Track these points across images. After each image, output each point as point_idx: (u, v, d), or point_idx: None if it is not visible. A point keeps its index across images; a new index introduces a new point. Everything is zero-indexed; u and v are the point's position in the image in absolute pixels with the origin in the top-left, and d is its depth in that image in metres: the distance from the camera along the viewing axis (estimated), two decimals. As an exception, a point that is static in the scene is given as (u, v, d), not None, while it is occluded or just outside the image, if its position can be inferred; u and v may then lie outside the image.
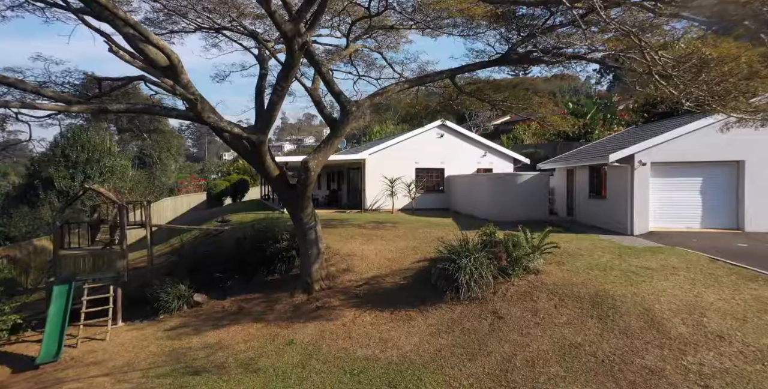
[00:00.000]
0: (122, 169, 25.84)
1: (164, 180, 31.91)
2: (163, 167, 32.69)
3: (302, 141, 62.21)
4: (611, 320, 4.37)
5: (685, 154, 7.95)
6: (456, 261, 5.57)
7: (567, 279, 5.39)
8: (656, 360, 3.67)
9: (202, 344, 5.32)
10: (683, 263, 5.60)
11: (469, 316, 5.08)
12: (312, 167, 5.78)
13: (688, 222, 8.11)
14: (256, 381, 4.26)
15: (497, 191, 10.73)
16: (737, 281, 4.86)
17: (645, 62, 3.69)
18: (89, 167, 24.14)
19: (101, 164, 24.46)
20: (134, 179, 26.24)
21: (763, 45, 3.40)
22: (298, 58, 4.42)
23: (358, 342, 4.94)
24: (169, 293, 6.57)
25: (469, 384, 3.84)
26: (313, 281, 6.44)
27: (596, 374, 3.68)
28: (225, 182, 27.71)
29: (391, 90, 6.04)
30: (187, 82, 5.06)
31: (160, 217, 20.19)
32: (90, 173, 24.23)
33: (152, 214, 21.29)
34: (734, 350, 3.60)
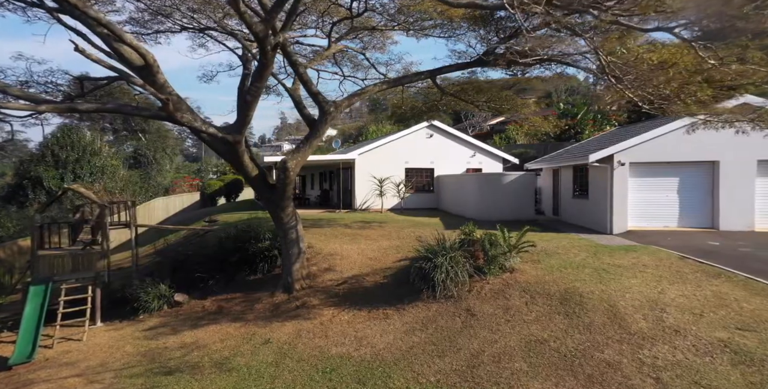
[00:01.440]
0: (113, 169, 25.69)
1: (160, 180, 31.83)
2: (159, 167, 32.58)
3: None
4: (577, 316, 4.49)
5: (663, 154, 8.13)
6: (432, 260, 5.65)
7: (540, 277, 5.50)
8: (614, 354, 3.78)
9: (178, 344, 5.34)
10: (653, 261, 5.74)
11: (444, 314, 5.17)
12: (291, 167, 5.83)
13: (665, 221, 8.29)
14: (229, 380, 4.30)
15: (484, 191, 10.86)
16: (701, 278, 5.01)
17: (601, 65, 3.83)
18: (79, 166, 23.99)
19: (91, 164, 24.31)
20: (125, 179, 26.10)
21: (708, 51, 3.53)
22: (272, 58, 4.48)
23: (333, 340, 5.01)
24: (149, 293, 6.58)
25: (436, 380, 3.92)
26: (294, 281, 6.49)
27: (557, 368, 3.78)
28: (219, 182, 27.60)
29: (369, 91, 6.12)
30: (164, 82, 5.08)
31: (151, 217, 20.06)
32: (80, 172, 24.07)
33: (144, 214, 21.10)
34: (688, 343, 3.73)
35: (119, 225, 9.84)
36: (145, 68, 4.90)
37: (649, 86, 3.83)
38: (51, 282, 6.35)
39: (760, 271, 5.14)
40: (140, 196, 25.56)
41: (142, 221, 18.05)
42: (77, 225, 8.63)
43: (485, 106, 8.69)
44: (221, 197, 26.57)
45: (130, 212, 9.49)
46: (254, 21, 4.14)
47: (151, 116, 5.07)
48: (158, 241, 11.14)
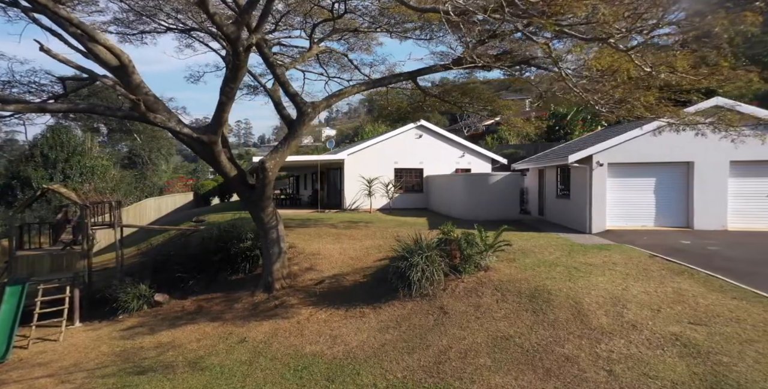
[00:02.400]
0: (103, 169, 25.57)
1: (155, 180, 31.79)
2: (155, 167, 32.49)
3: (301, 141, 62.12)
4: (543, 313, 4.61)
5: (640, 155, 8.30)
6: (409, 259, 5.74)
7: (513, 275, 5.62)
8: (574, 349, 3.90)
9: (154, 343, 5.37)
10: (623, 260, 5.89)
11: (418, 312, 5.26)
12: (269, 167, 5.89)
13: (643, 221, 8.47)
14: (201, 379, 4.34)
15: (471, 191, 10.99)
16: (665, 276, 5.16)
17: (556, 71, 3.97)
18: (68, 166, 23.85)
19: (81, 164, 24.20)
20: (116, 179, 25.97)
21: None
22: (245, 59, 4.54)
23: (308, 339, 5.08)
24: (128, 293, 6.60)
25: (403, 376, 4.01)
26: (274, 280, 6.55)
27: (519, 363, 3.89)
28: (213, 182, 27.47)
29: (348, 92, 6.20)
30: (140, 82, 5.12)
31: (142, 217, 19.94)
32: (69, 172, 23.92)
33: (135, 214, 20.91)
34: (643, 338, 3.86)
35: (104, 225, 9.83)
36: (120, 68, 4.94)
37: (600, 91, 3.98)
38: (27, 283, 6.34)
39: (722, 269, 5.31)
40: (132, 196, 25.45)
41: (134, 221, 17.94)
42: (59, 225, 8.61)
43: (468, 107, 8.82)
44: (215, 197, 26.46)
45: (115, 212, 9.49)
46: (225, 22, 4.20)
47: (123, 116, 5.10)
48: (149, 241, 11.14)
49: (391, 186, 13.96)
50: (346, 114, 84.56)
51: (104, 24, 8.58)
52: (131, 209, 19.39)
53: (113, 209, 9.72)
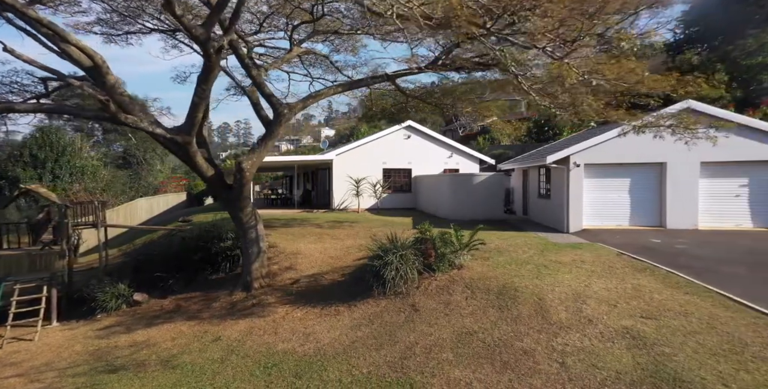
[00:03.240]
0: (93, 169, 25.45)
1: (151, 180, 31.71)
2: (149, 167, 32.38)
3: (299, 141, 62.96)
4: (508, 309, 4.75)
5: (616, 156, 8.51)
6: (383, 258, 5.87)
7: (484, 273, 5.76)
8: (532, 343, 4.04)
9: (129, 342, 5.41)
10: (592, 258, 6.06)
11: (390, 309, 5.38)
12: (246, 168, 5.97)
13: (618, 220, 8.69)
14: (171, 377, 4.40)
15: (456, 191, 11.15)
16: (627, 273, 5.33)
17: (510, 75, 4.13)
18: (58, 166, 23.74)
19: (71, 164, 24.07)
20: (107, 179, 25.84)
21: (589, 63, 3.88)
22: (216, 61, 4.62)
23: (281, 337, 5.16)
24: (107, 292, 6.63)
25: (368, 371, 4.12)
26: (253, 280, 6.62)
27: (479, 357, 4.03)
28: None
29: (325, 93, 6.30)
30: (114, 82, 5.17)
31: (133, 217, 19.83)
32: (59, 173, 23.80)
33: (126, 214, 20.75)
34: (597, 331, 4.02)
35: (87, 225, 9.81)
36: (94, 69, 4.98)
37: (552, 95, 4.15)
38: (3, 283, 6.33)
39: (684, 266, 5.51)
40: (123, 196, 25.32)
41: (124, 221, 17.82)
42: (40, 225, 8.59)
43: (450, 108, 8.96)
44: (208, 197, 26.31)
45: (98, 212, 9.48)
46: (194, 24, 4.28)
47: (93, 116, 5.15)
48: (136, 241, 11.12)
49: (379, 186, 14.08)
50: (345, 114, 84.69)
51: (88, 24, 8.57)
52: (121, 209, 19.28)
53: (96, 210, 9.71)
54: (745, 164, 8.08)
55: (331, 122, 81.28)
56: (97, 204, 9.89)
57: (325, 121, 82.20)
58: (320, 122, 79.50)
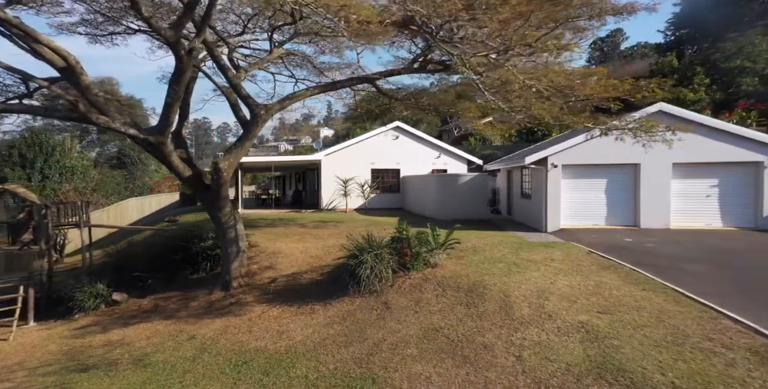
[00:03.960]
0: (83, 169, 25.37)
1: (146, 180, 31.60)
2: (144, 167, 32.23)
3: (298, 141, 63.06)
4: (475, 306, 4.89)
5: (592, 157, 8.71)
6: (359, 257, 5.98)
7: (456, 272, 5.90)
8: (493, 338, 4.18)
9: (104, 342, 5.44)
10: (562, 256, 6.23)
11: (364, 307, 5.48)
12: (223, 168, 6.03)
13: (595, 220, 8.89)
14: (141, 376, 4.45)
15: (442, 191, 11.29)
16: (593, 270, 5.51)
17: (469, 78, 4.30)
18: (47, 166, 23.69)
19: (60, 164, 24.02)
20: (97, 180, 25.77)
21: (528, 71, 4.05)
22: (188, 63, 4.69)
23: (256, 335, 5.24)
24: (85, 292, 6.65)
25: (334, 367, 4.22)
26: (232, 279, 6.69)
27: (442, 352, 4.15)
28: None
29: (302, 95, 6.39)
30: (89, 83, 5.20)
31: (123, 217, 19.73)
32: (48, 173, 23.73)
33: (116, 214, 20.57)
34: (554, 326, 4.17)
35: (70, 225, 9.78)
36: (68, 69, 5.02)
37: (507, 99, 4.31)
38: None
39: (648, 264, 5.69)
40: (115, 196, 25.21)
41: (114, 221, 17.71)
42: (20, 225, 8.55)
43: (432, 110, 9.10)
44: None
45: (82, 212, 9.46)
46: (163, 26, 4.35)
47: (63, 116, 5.18)
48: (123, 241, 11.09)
49: (367, 186, 14.19)
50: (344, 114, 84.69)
51: (72, 25, 8.55)
52: (111, 209, 19.18)
53: (78, 209, 9.69)
54: (715, 165, 8.34)
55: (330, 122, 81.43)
56: (80, 204, 9.87)
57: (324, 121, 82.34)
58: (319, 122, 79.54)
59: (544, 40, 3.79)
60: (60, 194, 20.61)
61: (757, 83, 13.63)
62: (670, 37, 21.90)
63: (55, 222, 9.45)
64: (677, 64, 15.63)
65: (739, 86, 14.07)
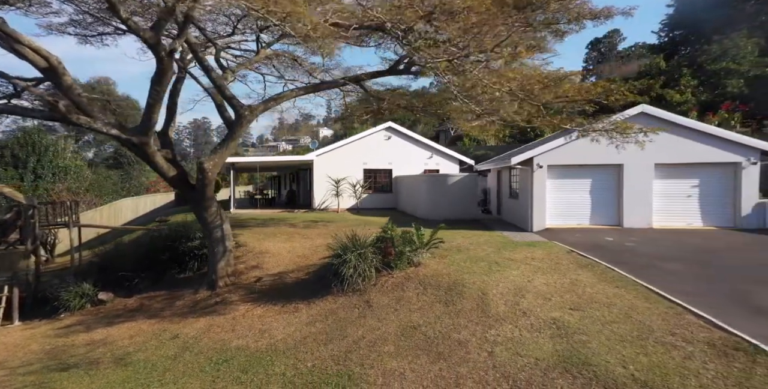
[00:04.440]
0: (77, 169, 25.38)
1: (143, 180, 31.56)
2: (141, 167, 32.15)
3: (298, 141, 63.07)
4: (453, 304, 4.98)
5: (577, 157, 8.85)
6: (342, 256, 6.05)
7: (438, 271, 5.99)
8: (468, 335, 4.27)
9: (87, 341, 5.46)
10: (543, 255, 6.35)
11: (346, 306, 5.55)
12: (208, 168, 6.08)
13: (579, 219, 9.04)
14: (121, 374, 4.48)
15: (432, 191, 11.38)
16: (570, 269, 5.62)
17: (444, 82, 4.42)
18: (40, 166, 23.70)
19: (53, 164, 24.02)
20: (91, 180, 25.76)
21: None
22: (168, 64, 4.74)
23: (238, 333, 5.29)
24: (71, 291, 6.66)
25: (312, 365, 4.28)
26: (218, 278, 6.73)
27: (418, 349, 4.23)
28: None
29: (287, 96, 6.46)
30: (71, 83, 5.23)
31: (117, 217, 19.70)
32: (41, 172, 23.74)
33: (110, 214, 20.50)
34: (528, 323, 4.27)
35: (59, 225, 9.76)
36: (50, 70, 5.05)
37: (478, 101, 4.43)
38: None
39: (625, 262, 5.82)
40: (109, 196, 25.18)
41: (108, 221, 17.67)
42: (7, 225, 8.52)
43: (422, 111, 9.19)
44: None
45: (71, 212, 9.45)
46: (142, 27, 4.39)
47: (43, 116, 5.19)
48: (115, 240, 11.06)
49: (359, 186, 14.26)
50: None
51: (61, 26, 8.54)
52: (105, 209, 19.18)
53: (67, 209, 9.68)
54: (696, 165, 8.52)
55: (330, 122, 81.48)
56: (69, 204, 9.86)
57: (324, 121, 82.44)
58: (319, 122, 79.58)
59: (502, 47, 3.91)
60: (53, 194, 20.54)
61: (742, 85, 13.89)
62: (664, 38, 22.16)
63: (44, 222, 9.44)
64: (665, 65, 15.89)
65: (725, 88, 14.34)
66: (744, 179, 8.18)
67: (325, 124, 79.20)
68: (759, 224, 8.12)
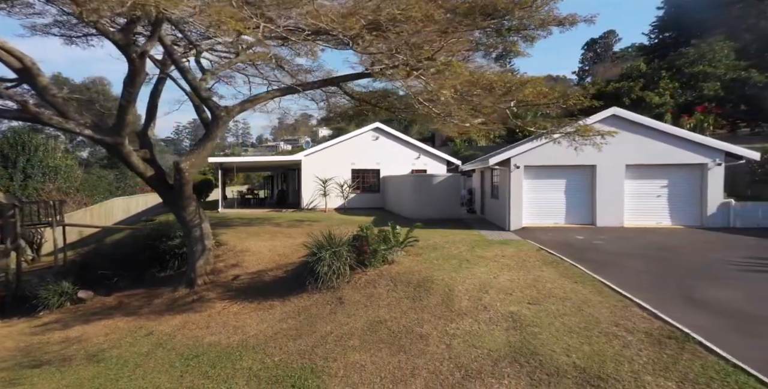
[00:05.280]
0: (67, 169, 25.26)
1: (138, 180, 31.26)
2: None
3: (297, 141, 63.01)
4: (420, 299, 5.15)
5: (553, 158, 9.09)
6: (317, 254, 6.20)
7: (410, 268, 6.16)
8: (430, 328, 4.44)
9: (62, 338, 5.53)
10: (513, 253, 6.55)
11: (319, 302, 5.69)
12: (185, 168, 6.18)
13: (555, 218, 9.29)
14: (93, 370, 4.56)
15: (417, 191, 11.56)
16: (536, 266, 5.83)
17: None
18: (30, 166, 23.57)
19: (43, 164, 23.91)
20: (81, 179, 25.66)
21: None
22: (140, 66, 4.83)
23: (212, 330, 5.40)
24: (50, 290, 6.69)
25: (279, 359, 4.41)
26: (197, 276, 6.82)
27: (381, 343, 4.39)
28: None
29: (263, 98, 6.58)
30: (46, 84, 5.29)
31: (108, 217, 19.69)
32: (31, 172, 23.60)
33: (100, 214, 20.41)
34: (487, 317, 4.45)
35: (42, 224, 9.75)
36: (24, 71, 5.10)
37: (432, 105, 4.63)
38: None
39: (588, 259, 6.05)
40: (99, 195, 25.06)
41: (98, 221, 17.61)
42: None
43: (402, 112, 9.36)
44: None
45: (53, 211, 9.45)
46: (112, 30, 4.49)
47: (14, 117, 5.25)
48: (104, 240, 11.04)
49: (346, 186, 14.40)
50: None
51: (45, 26, 8.53)
52: (95, 208, 19.18)
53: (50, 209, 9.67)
54: (665, 166, 8.82)
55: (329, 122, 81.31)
56: (53, 204, 9.85)
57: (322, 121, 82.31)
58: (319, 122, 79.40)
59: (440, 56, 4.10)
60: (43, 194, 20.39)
61: (718, 88, 14.34)
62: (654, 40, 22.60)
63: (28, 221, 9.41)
64: (645, 68, 16.31)
65: (702, 91, 14.79)
66: (710, 179, 8.51)
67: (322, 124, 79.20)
68: (724, 223, 8.45)
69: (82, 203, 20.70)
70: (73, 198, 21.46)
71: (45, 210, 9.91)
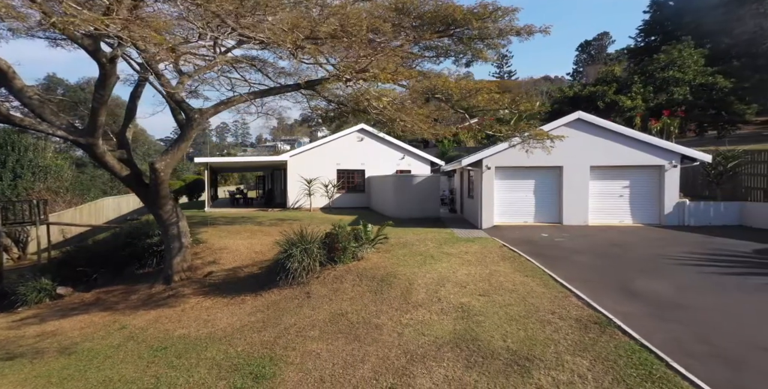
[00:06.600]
0: (57, 169, 25.16)
1: None
2: None
3: (296, 141, 63.03)
4: (381, 293, 5.44)
5: (522, 159, 9.41)
6: (287, 251, 6.46)
7: (377, 264, 6.46)
8: (386, 319, 4.73)
9: (37, 332, 5.69)
10: (477, 249, 6.90)
11: (288, 297, 5.95)
12: (160, 168, 6.38)
13: (525, 217, 9.69)
14: (64, 362, 4.74)
15: (399, 191, 11.88)
16: (494, 261, 6.18)
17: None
18: (19, 166, 23.39)
19: (33, 164, 23.78)
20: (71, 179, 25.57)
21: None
22: (111, 70, 5.03)
23: (183, 324, 5.61)
24: (28, 286, 6.81)
25: (242, 349, 4.65)
26: (174, 273, 7.02)
27: (339, 333, 4.67)
28: (180, 182, 27.22)
29: (237, 100, 6.82)
30: (22, 86, 5.46)
31: (98, 216, 19.77)
32: (20, 172, 23.42)
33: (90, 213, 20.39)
34: (439, 308, 4.77)
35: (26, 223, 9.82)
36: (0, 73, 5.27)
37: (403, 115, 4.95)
38: None
39: (544, 255, 6.41)
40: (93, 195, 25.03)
41: (88, 220, 17.64)
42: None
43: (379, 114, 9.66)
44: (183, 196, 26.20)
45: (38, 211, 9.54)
46: (80, 35, 4.69)
47: None
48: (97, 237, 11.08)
49: (331, 186, 14.67)
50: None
51: (30, 29, 8.63)
52: (85, 208, 19.26)
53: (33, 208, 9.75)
54: (627, 168, 9.28)
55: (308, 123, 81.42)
56: (37, 202, 9.93)
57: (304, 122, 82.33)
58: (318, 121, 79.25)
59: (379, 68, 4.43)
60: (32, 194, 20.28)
61: (687, 92, 14.99)
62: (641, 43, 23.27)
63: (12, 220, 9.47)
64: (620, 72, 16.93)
65: (672, 95, 15.44)
66: (667, 180, 8.99)
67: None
68: (679, 221, 8.94)
69: (71, 202, 20.62)
70: (63, 198, 21.33)
71: (30, 209, 9.99)
